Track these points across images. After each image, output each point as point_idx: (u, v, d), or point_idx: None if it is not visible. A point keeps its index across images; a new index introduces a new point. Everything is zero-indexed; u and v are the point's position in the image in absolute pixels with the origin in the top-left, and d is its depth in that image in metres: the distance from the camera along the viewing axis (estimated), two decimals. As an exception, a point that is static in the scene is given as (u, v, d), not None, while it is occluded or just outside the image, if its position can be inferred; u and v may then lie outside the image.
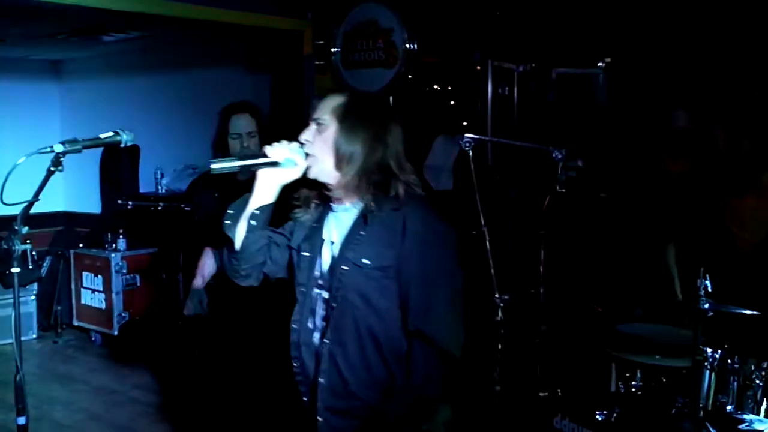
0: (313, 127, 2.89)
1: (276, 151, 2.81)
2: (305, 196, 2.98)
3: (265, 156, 2.82)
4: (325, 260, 2.92)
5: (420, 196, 2.86)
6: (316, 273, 2.93)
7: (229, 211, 2.92)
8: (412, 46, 5.83)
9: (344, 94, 2.98)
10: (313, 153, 2.84)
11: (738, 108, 4.57)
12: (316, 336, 2.93)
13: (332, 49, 6.19)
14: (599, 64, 5.30)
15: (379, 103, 3.17)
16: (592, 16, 5.25)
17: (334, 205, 2.93)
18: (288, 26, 6.28)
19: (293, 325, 2.96)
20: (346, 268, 2.82)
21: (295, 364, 2.96)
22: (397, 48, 5.88)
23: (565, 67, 5.45)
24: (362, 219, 2.84)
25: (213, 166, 2.74)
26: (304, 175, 2.86)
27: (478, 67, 5.52)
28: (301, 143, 2.86)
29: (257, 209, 2.85)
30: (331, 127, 2.84)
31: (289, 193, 2.95)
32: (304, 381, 2.96)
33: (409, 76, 5.80)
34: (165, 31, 7.47)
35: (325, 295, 2.90)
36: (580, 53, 5.37)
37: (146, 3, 5.46)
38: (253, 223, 2.86)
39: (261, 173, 2.85)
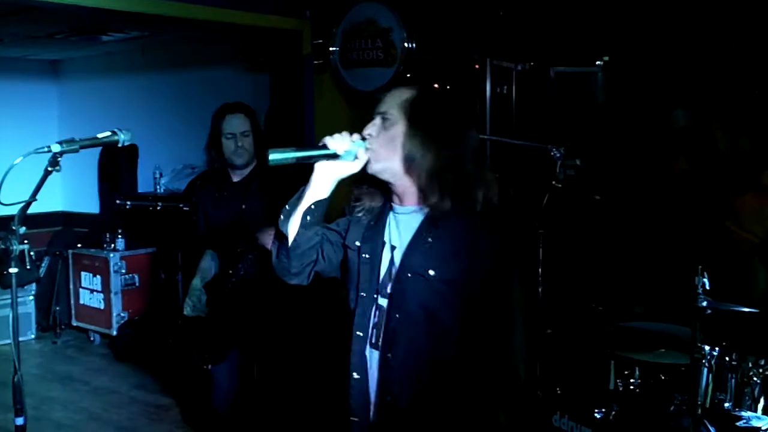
0: (377, 121, 2.68)
1: (336, 142, 2.59)
2: (366, 192, 2.79)
3: (324, 147, 2.60)
4: (384, 265, 2.71)
5: (496, 207, 2.65)
6: (378, 278, 2.71)
7: (285, 207, 2.71)
8: (411, 45, 5.83)
9: (414, 87, 2.72)
10: (376, 148, 2.63)
11: (737, 107, 4.58)
12: (366, 344, 2.72)
13: (331, 49, 6.19)
14: (598, 62, 5.30)
15: (452, 99, 2.89)
16: (590, 15, 5.25)
17: (397, 206, 2.73)
18: (287, 26, 6.28)
19: (358, 333, 2.73)
20: (410, 276, 2.62)
21: (356, 375, 2.72)
22: (396, 47, 5.88)
23: (564, 66, 5.45)
24: (430, 224, 2.63)
25: (271, 156, 2.52)
26: (364, 170, 2.65)
27: (477, 66, 5.52)
28: (364, 137, 2.66)
29: (312, 204, 2.66)
30: (399, 123, 2.63)
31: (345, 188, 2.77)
32: (356, 391, 2.73)
33: (408, 75, 5.80)
34: (164, 31, 7.47)
35: (382, 302, 2.69)
36: (578, 52, 5.37)
37: (145, 3, 5.46)
38: (308, 218, 2.67)
39: (318, 166, 2.64)
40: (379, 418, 2.68)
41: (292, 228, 2.69)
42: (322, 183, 2.65)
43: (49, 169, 2.75)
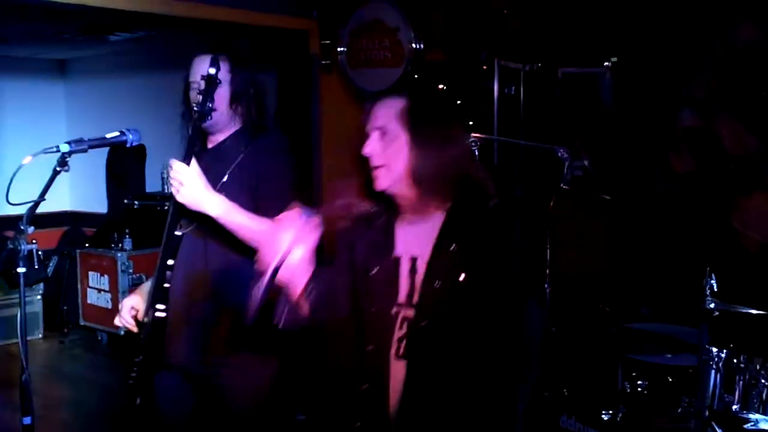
0: (375, 135, 2.58)
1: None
2: (371, 209, 2.70)
3: None
4: (404, 276, 2.62)
5: (502, 203, 2.61)
6: (397, 291, 2.62)
7: None
8: (418, 46, 5.83)
9: (401, 95, 2.62)
10: (383, 164, 2.56)
11: (744, 107, 4.57)
12: (388, 357, 2.63)
13: (338, 49, 6.19)
14: (605, 63, 5.30)
15: (444, 102, 2.88)
16: (598, 16, 5.24)
17: (407, 216, 2.65)
18: (294, 26, 6.29)
19: (378, 346, 2.64)
20: (438, 283, 2.55)
21: (374, 386, 2.65)
22: (403, 47, 5.88)
23: (572, 67, 5.45)
24: (448, 230, 2.58)
25: None
26: (370, 188, 2.60)
27: (485, 67, 5.52)
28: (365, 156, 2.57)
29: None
30: (401, 135, 2.55)
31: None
32: (375, 401, 2.65)
33: (415, 76, 5.80)
34: (171, 31, 7.48)
35: (407, 313, 2.60)
36: (586, 53, 5.37)
37: (152, 2, 5.47)
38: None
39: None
40: (400, 425, 2.63)
41: None
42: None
43: (58, 169, 2.76)
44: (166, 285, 3.03)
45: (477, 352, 2.57)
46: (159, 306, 3.02)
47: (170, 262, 3.03)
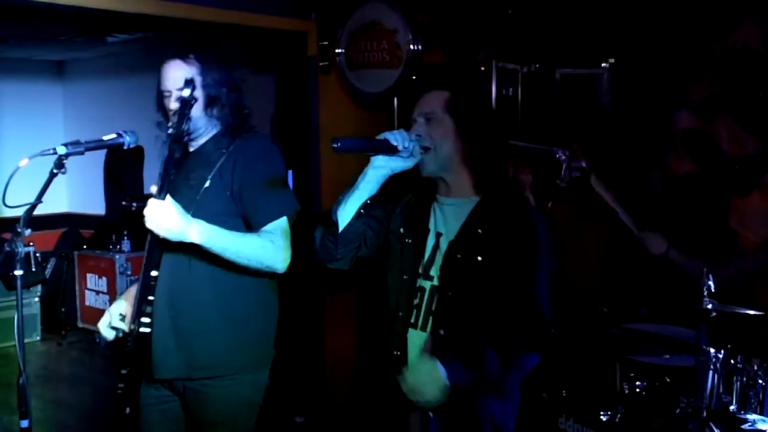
0: (421, 121, 2.88)
1: (397, 137, 2.76)
2: (412, 188, 3.01)
3: (386, 141, 2.76)
4: (428, 250, 2.91)
5: (520, 192, 2.99)
6: (421, 262, 2.91)
7: (340, 198, 2.90)
8: (416, 47, 5.82)
9: (447, 88, 2.92)
10: (429, 146, 2.83)
11: (742, 108, 4.57)
12: (407, 324, 2.91)
13: (336, 50, 6.18)
14: (603, 64, 5.29)
15: (483, 96, 3.21)
16: (596, 17, 5.24)
17: (443, 197, 2.94)
18: (292, 27, 6.27)
19: (399, 313, 2.92)
20: (459, 260, 2.82)
21: (398, 353, 2.91)
22: (402, 49, 5.87)
23: (569, 68, 5.44)
24: (479, 214, 2.85)
25: (338, 144, 2.68)
26: (414, 167, 2.86)
27: (483, 68, 5.51)
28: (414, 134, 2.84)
29: (368, 199, 2.87)
30: (447, 122, 2.85)
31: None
32: (398, 367, 2.86)
33: (414, 77, 5.79)
34: (169, 32, 7.48)
35: (424, 284, 2.89)
36: (584, 54, 5.37)
37: (150, 4, 5.46)
38: (362, 211, 2.88)
39: (376, 159, 2.82)
40: None
41: (344, 217, 2.87)
42: (377, 176, 2.84)
43: (55, 171, 2.76)
44: (151, 297, 3.00)
45: (491, 320, 2.80)
46: (144, 320, 3.00)
47: (154, 273, 3.01)
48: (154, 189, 2.97)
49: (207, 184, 3.15)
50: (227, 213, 3.11)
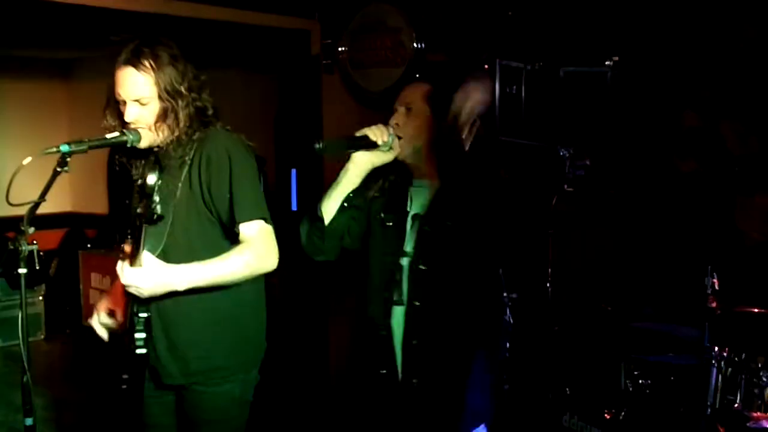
0: (402, 111, 3.06)
1: (376, 133, 2.97)
2: (389, 174, 3.13)
3: (366, 138, 2.95)
4: (407, 230, 3.05)
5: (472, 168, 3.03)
6: (402, 242, 3.05)
7: (326, 193, 3.06)
8: (419, 46, 5.82)
9: (424, 82, 3.14)
10: (405, 136, 3.02)
11: (747, 107, 4.56)
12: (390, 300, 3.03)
13: (340, 49, 6.18)
14: (607, 62, 5.28)
15: (453, 90, 3.25)
16: (600, 15, 5.23)
17: (417, 181, 3.09)
18: (295, 26, 6.28)
19: (385, 294, 3.04)
20: (430, 229, 2.98)
21: (382, 330, 3.05)
22: (405, 47, 5.87)
23: (573, 66, 5.43)
24: (447, 193, 2.99)
25: (322, 145, 2.91)
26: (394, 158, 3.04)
27: (486, 66, 5.51)
28: (391, 127, 3.04)
29: (351, 192, 3.04)
30: (425, 113, 3.03)
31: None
32: (383, 344, 3.05)
33: (417, 76, 5.78)
34: (172, 32, 7.48)
35: (403, 262, 3.02)
36: (588, 51, 5.35)
37: (154, 3, 5.47)
38: (345, 204, 3.05)
39: (357, 155, 3.01)
40: (406, 363, 3.01)
41: (329, 212, 3.05)
42: (358, 171, 3.02)
43: (58, 169, 2.76)
44: (143, 315, 3.05)
45: (464, 289, 3.01)
46: (138, 335, 3.05)
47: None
48: (127, 248, 3.02)
49: (178, 194, 3.05)
50: (205, 217, 3.04)
